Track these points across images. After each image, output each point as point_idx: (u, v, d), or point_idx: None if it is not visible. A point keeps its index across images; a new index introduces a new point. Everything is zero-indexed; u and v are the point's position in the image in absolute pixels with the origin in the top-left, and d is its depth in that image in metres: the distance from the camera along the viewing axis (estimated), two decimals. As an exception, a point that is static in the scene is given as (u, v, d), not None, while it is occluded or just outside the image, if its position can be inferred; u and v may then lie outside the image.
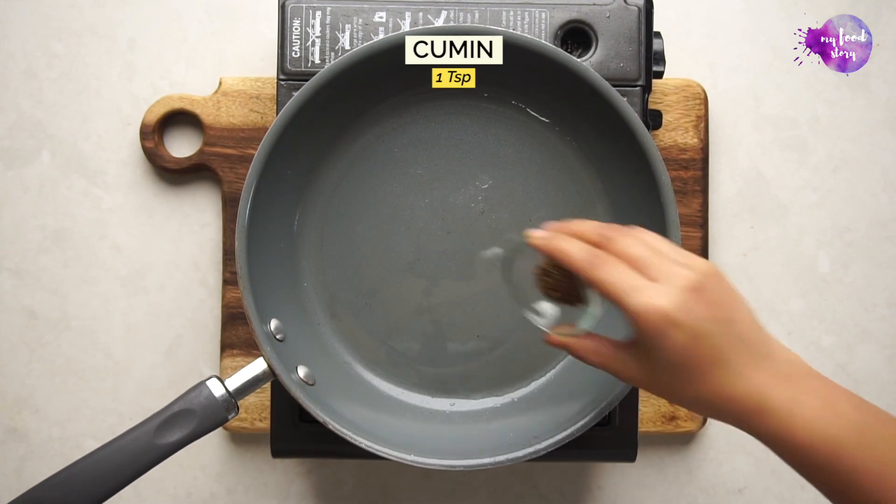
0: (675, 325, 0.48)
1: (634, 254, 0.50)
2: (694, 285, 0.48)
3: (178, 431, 0.57)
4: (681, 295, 0.48)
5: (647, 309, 0.48)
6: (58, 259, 0.75)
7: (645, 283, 0.49)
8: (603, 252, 0.51)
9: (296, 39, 0.66)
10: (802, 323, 0.76)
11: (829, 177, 0.76)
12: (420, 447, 0.62)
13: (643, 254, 0.50)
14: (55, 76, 0.76)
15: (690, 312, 0.48)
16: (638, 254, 0.50)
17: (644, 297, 0.48)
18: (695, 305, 0.48)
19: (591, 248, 0.51)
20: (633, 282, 0.49)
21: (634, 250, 0.50)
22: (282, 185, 0.65)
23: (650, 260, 0.49)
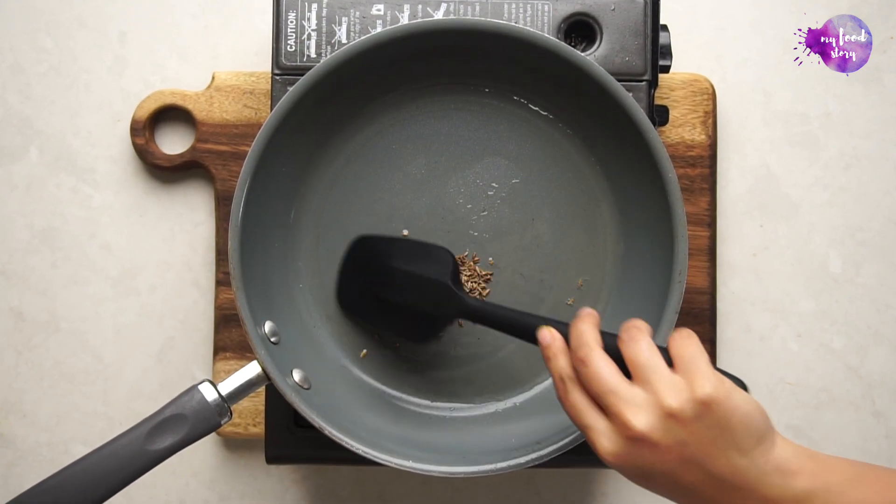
0: (623, 469, 0.50)
1: (595, 388, 0.50)
2: (644, 431, 0.48)
3: (170, 437, 0.57)
4: (623, 443, 0.49)
5: (597, 451, 0.50)
6: (46, 259, 0.75)
7: (597, 423, 0.50)
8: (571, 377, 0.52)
9: (291, 33, 0.66)
10: (813, 324, 0.76)
11: (841, 174, 0.76)
12: (419, 453, 0.62)
13: (603, 388, 0.50)
14: (43, 70, 0.76)
15: (635, 459, 0.49)
16: (598, 388, 0.50)
17: (590, 437, 0.50)
18: (641, 452, 0.49)
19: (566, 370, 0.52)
20: (586, 420, 0.51)
21: (596, 383, 0.50)
22: (276, 184, 0.65)
23: (608, 398, 0.50)
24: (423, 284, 0.61)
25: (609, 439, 0.49)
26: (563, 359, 0.53)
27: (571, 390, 0.52)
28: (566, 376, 0.52)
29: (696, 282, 0.73)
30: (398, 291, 0.63)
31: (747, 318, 0.76)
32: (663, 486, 0.50)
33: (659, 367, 0.50)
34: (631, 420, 0.48)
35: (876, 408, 0.75)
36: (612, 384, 0.50)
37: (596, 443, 0.50)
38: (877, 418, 0.75)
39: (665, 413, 0.48)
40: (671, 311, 0.61)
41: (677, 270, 0.62)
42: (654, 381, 0.49)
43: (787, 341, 0.76)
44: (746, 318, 0.76)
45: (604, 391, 0.50)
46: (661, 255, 0.63)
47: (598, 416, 0.50)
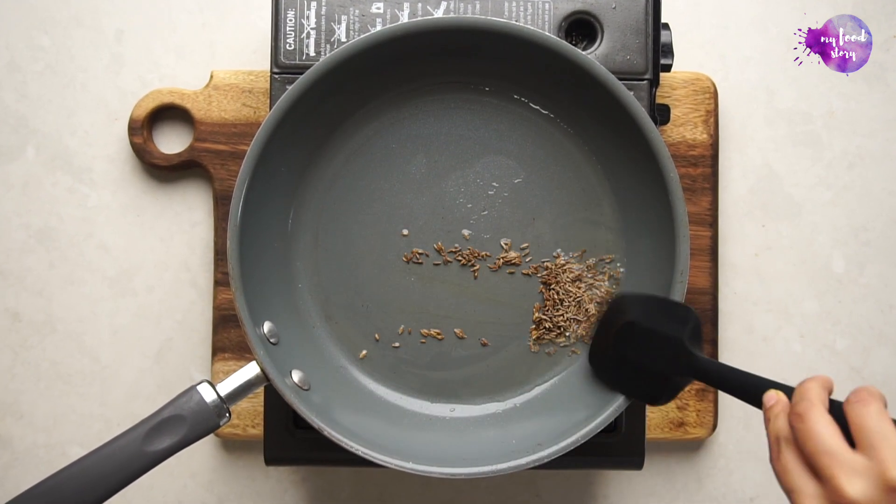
0: None
1: (810, 447, 0.47)
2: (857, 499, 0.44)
3: (168, 438, 0.57)
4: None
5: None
6: (43, 259, 0.75)
7: (807, 487, 0.46)
8: (787, 436, 0.49)
9: (290, 31, 0.66)
10: (816, 325, 0.76)
11: (844, 173, 0.76)
12: (419, 454, 0.62)
13: (819, 448, 0.46)
14: (40, 69, 0.76)
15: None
16: (812, 448, 0.46)
17: (796, 501, 0.47)
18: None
19: (783, 430, 0.49)
20: (795, 483, 0.47)
21: (812, 442, 0.47)
22: (275, 183, 0.65)
23: (822, 459, 0.46)
24: (660, 341, 0.59)
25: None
26: (782, 420, 0.49)
27: (785, 451, 0.48)
28: (782, 437, 0.48)
29: (697, 282, 0.73)
30: (638, 349, 0.61)
31: (750, 319, 0.76)
32: None
33: (889, 435, 0.45)
34: (845, 486, 0.45)
35: (879, 409, 0.75)
36: (829, 445, 0.46)
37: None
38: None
39: (887, 486, 0.44)
40: (673, 311, 0.61)
41: (679, 270, 0.62)
42: (881, 449, 0.45)
43: (789, 342, 0.76)
44: (749, 318, 0.76)
45: (819, 451, 0.46)
46: (663, 255, 0.63)
47: (809, 479, 0.47)
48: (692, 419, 0.74)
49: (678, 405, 0.74)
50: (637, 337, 0.61)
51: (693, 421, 0.74)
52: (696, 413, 0.74)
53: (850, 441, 0.46)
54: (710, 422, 0.74)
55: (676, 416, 0.74)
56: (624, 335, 0.62)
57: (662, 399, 0.61)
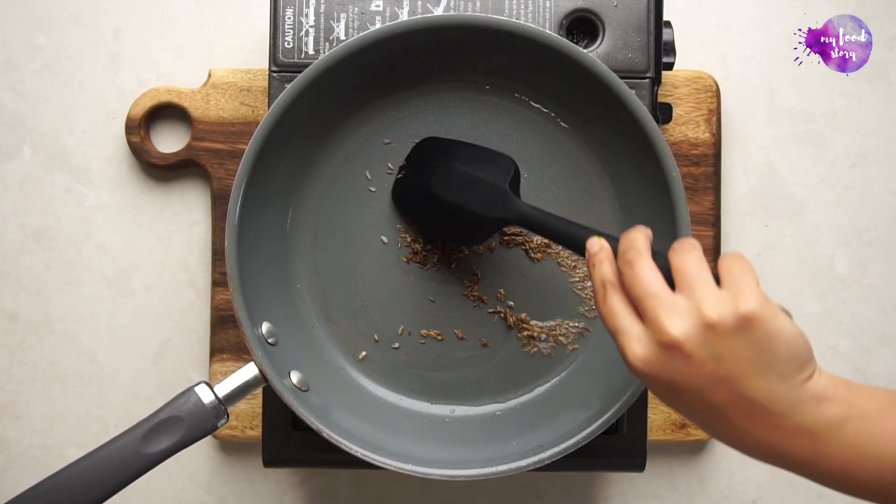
0: (650, 379, 0.48)
1: (637, 290, 0.49)
2: (679, 338, 0.47)
3: (166, 440, 0.57)
4: (656, 349, 0.47)
5: (624, 357, 0.49)
6: (40, 259, 0.75)
7: (632, 327, 0.49)
8: (612, 280, 0.51)
9: (288, 29, 0.66)
10: (819, 326, 0.76)
11: (847, 173, 0.76)
12: (419, 456, 0.63)
13: (645, 290, 0.49)
14: (37, 68, 0.76)
15: (665, 369, 0.47)
16: (639, 291, 0.49)
17: (622, 342, 0.49)
18: (673, 361, 0.47)
19: (609, 276, 0.51)
20: (620, 323, 0.49)
21: (639, 286, 0.49)
22: (274, 182, 0.65)
23: (647, 300, 0.48)
24: (480, 185, 0.61)
25: (641, 344, 0.48)
26: (608, 266, 0.51)
27: (611, 294, 0.50)
28: (608, 282, 0.51)
29: (699, 282, 0.73)
30: (454, 190, 0.62)
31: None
32: (689, 403, 0.48)
33: (705, 277, 0.48)
34: (667, 325, 0.47)
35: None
36: (654, 288, 0.48)
37: (626, 348, 0.48)
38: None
39: (704, 323, 0.46)
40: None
41: (681, 270, 0.62)
42: (698, 290, 0.47)
43: (792, 343, 0.76)
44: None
45: (645, 294, 0.48)
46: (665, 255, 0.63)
47: (635, 320, 0.49)
48: (694, 420, 0.74)
49: (680, 406, 0.74)
50: (456, 180, 0.63)
51: (695, 422, 0.74)
52: (698, 414, 0.74)
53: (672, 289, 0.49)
54: (712, 423, 0.74)
55: (679, 418, 0.74)
56: (441, 176, 0.63)
57: (474, 239, 0.65)
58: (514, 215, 0.60)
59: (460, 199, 0.62)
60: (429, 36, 0.62)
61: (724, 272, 0.49)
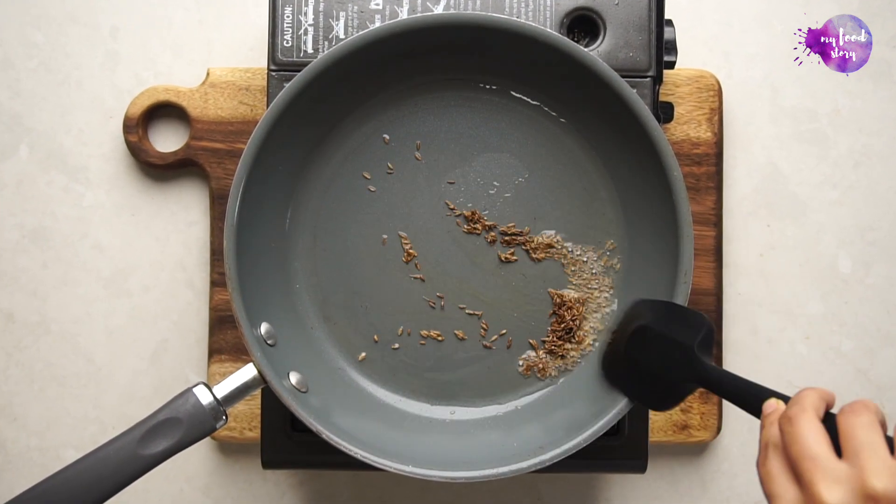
0: None
1: (795, 451, 0.46)
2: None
3: (164, 441, 0.57)
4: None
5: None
6: (37, 259, 0.75)
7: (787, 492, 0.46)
8: (776, 444, 0.48)
9: (287, 28, 0.66)
10: (822, 327, 0.76)
11: (851, 172, 0.76)
12: (419, 457, 0.62)
13: (803, 452, 0.46)
14: (34, 66, 0.76)
15: None
16: (797, 452, 0.46)
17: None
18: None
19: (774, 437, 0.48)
20: (776, 488, 0.47)
21: (797, 446, 0.46)
22: (272, 182, 0.65)
23: (804, 463, 0.46)
24: (671, 346, 0.59)
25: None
26: (775, 426, 0.49)
27: (771, 455, 0.48)
28: (771, 442, 0.48)
29: (701, 283, 0.73)
30: (649, 353, 0.61)
31: (754, 320, 0.76)
32: None
33: (876, 443, 0.45)
34: (823, 492, 0.44)
35: (886, 411, 0.74)
36: (813, 450, 0.46)
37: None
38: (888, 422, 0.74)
39: (866, 494, 0.43)
40: (677, 312, 0.61)
41: (683, 271, 0.62)
42: (864, 458, 0.44)
43: (795, 344, 0.76)
44: (753, 319, 0.76)
45: (803, 455, 0.46)
46: (666, 255, 0.63)
47: (791, 485, 0.46)
48: (696, 422, 0.74)
49: (682, 408, 0.74)
50: (649, 341, 0.61)
51: (697, 424, 0.74)
52: (700, 416, 0.74)
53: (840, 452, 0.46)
54: (715, 425, 0.74)
55: (680, 419, 0.74)
56: (637, 339, 0.62)
57: (667, 405, 0.61)
58: (696, 377, 0.58)
59: (652, 360, 0.60)
60: (429, 34, 0.62)
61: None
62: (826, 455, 0.45)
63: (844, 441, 0.46)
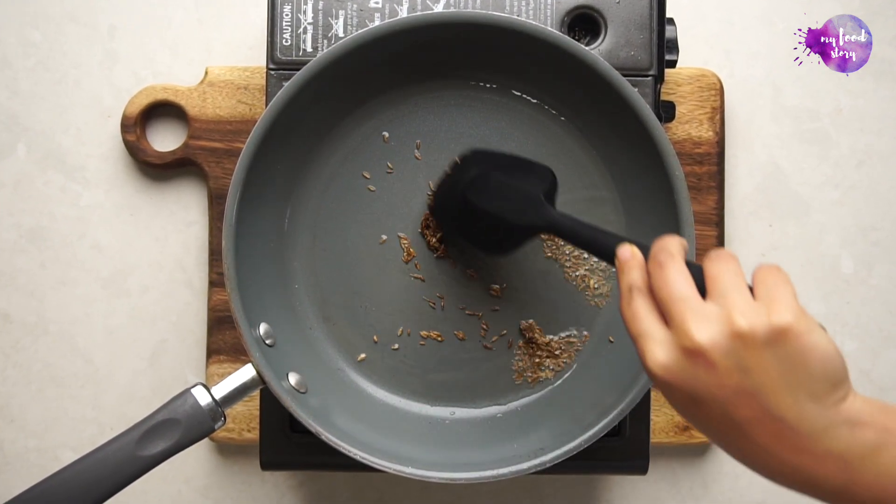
0: (671, 387, 0.46)
1: (665, 293, 0.47)
2: (705, 344, 0.45)
3: (162, 442, 0.57)
4: (679, 355, 0.46)
5: (644, 362, 0.47)
6: (34, 259, 0.75)
7: (655, 331, 0.47)
8: (640, 285, 0.49)
9: (286, 26, 0.66)
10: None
11: (853, 172, 0.76)
12: (419, 459, 0.62)
13: (673, 294, 0.47)
14: (31, 65, 0.76)
15: (687, 377, 0.46)
16: (667, 294, 0.47)
17: (643, 346, 0.47)
18: (696, 369, 0.45)
19: (637, 281, 0.49)
20: (644, 327, 0.48)
21: (667, 288, 0.47)
22: (271, 181, 0.65)
23: (675, 304, 0.47)
24: (514, 193, 0.61)
25: (664, 349, 0.46)
26: (637, 272, 0.50)
27: (636, 298, 0.49)
28: (635, 286, 0.49)
29: (703, 283, 0.73)
30: (487, 197, 0.62)
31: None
32: (710, 417, 0.46)
33: (740, 286, 0.46)
34: (693, 330, 0.45)
35: (888, 412, 0.75)
36: (684, 292, 0.47)
37: (647, 352, 0.47)
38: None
39: (733, 331, 0.44)
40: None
41: (684, 271, 0.62)
42: (731, 298, 0.46)
43: (797, 344, 0.75)
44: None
45: (672, 297, 0.47)
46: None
47: (659, 325, 0.47)
48: (697, 423, 0.73)
49: (683, 408, 0.74)
50: (491, 188, 0.62)
51: (698, 424, 0.74)
52: (702, 416, 0.74)
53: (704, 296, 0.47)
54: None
55: (682, 420, 0.74)
56: (477, 184, 0.62)
57: (505, 249, 0.64)
58: (544, 223, 0.59)
59: (493, 206, 0.61)
60: (428, 33, 0.62)
61: (759, 282, 0.47)
62: (695, 297, 0.47)
63: (711, 284, 0.47)
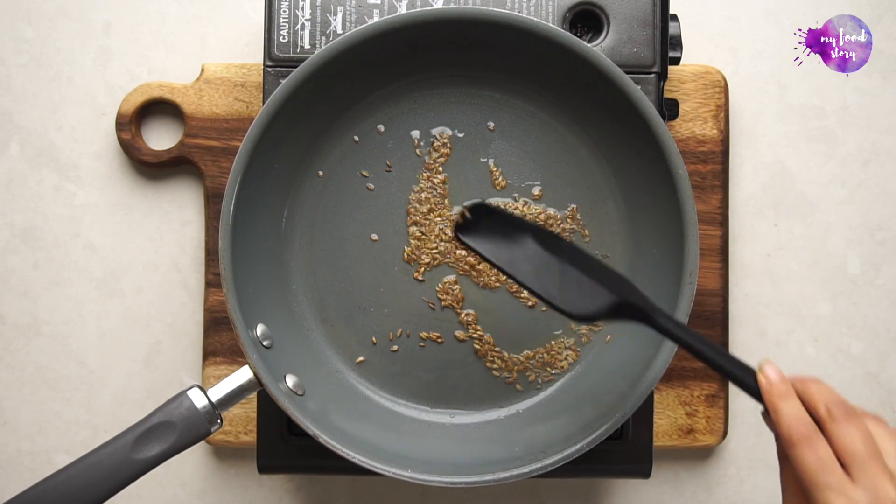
0: None
1: (850, 446, 0.49)
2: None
3: (157, 445, 0.57)
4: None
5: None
6: (27, 259, 0.75)
7: (842, 482, 0.48)
8: (816, 430, 0.50)
9: (284, 23, 0.66)
10: (830, 329, 0.76)
11: (860, 171, 0.76)
12: (418, 462, 0.62)
13: (859, 449, 0.48)
14: (24, 62, 0.76)
15: None
16: (853, 448, 0.48)
17: (832, 496, 0.48)
18: None
19: (807, 419, 0.50)
20: (830, 477, 0.48)
21: (852, 442, 0.49)
22: (269, 180, 0.65)
23: (862, 459, 0.48)
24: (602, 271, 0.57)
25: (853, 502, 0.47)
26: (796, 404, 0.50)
27: (814, 441, 0.49)
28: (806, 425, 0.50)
29: (707, 283, 0.73)
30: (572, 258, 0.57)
31: (761, 322, 0.76)
32: None
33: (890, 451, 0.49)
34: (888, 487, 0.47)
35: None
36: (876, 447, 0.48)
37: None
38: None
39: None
40: (681, 314, 0.61)
41: (688, 272, 0.62)
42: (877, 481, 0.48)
43: (803, 346, 0.76)
44: (760, 321, 0.76)
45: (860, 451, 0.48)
46: (671, 255, 0.63)
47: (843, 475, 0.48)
48: (702, 426, 0.74)
49: (687, 412, 0.74)
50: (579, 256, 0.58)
51: (703, 428, 0.74)
52: (706, 420, 0.74)
53: None
54: (721, 429, 0.74)
55: (685, 423, 0.74)
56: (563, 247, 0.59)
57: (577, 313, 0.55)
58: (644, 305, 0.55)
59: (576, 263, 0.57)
60: (428, 30, 0.62)
61: None
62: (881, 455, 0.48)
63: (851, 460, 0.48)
